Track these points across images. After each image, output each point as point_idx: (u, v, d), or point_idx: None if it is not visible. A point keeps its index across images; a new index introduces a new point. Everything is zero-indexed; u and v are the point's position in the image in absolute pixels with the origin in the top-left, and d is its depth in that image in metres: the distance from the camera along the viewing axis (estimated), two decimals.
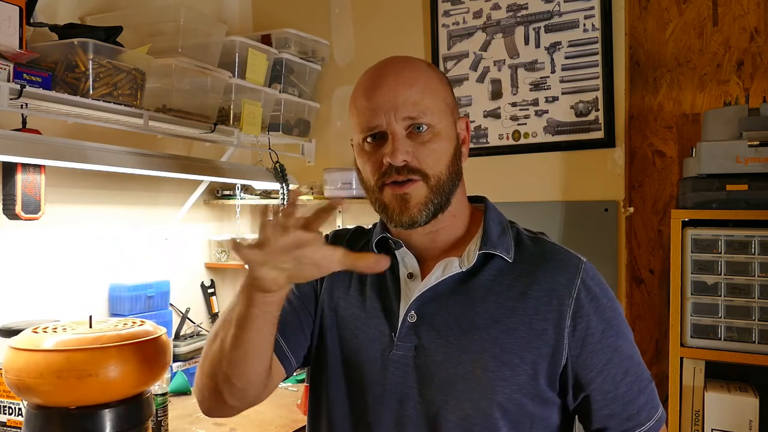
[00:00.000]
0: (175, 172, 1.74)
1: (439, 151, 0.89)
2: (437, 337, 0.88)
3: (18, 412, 1.37)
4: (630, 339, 0.91)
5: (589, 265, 0.91)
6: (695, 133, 1.93)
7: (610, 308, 0.89)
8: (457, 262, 0.90)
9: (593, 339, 0.86)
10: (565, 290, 0.87)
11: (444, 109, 0.91)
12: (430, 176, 0.88)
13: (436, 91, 0.90)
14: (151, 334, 1.19)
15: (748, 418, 1.50)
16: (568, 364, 0.86)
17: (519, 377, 0.85)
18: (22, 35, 1.32)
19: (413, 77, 0.89)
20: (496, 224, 0.94)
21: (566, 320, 0.86)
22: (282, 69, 2.15)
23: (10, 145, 1.33)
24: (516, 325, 0.86)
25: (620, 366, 0.88)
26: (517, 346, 0.85)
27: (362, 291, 0.96)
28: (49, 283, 1.77)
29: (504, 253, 0.90)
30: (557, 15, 1.97)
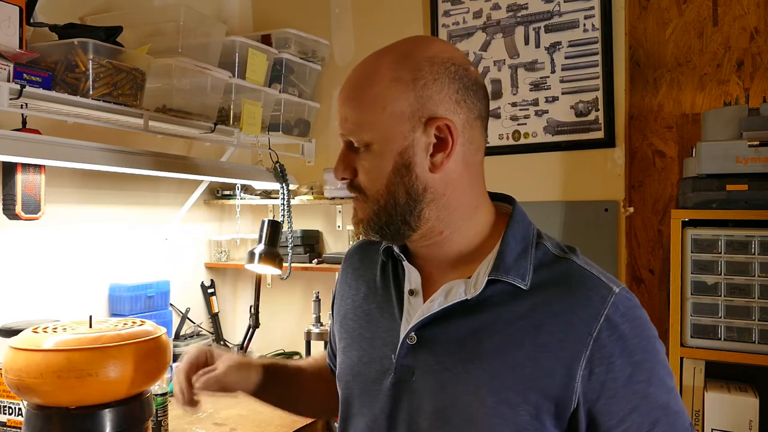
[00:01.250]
0: (175, 172, 1.74)
1: (371, 169, 0.81)
2: (435, 363, 0.81)
3: (18, 412, 1.37)
4: (668, 385, 0.79)
5: (624, 296, 0.78)
6: (695, 133, 1.93)
7: (642, 349, 0.77)
8: (463, 287, 0.82)
9: (616, 384, 0.75)
10: (585, 327, 0.76)
11: (385, 121, 0.79)
12: (368, 195, 0.82)
13: (379, 101, 0.80)
14: (151, 334, 1.19)
15: (748, 418, 1.50)
16: (580, 409, 0.76)
17: (519, 417, 0.76)
18: (22, 35, 1.32)
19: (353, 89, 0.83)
20: (518, 241, 0.84)
21: (581, 361, 0.75)
22: (282, 69, 2.15)
23: (10, 145, 1.33)
24: (522, 360, 0.77)
25: (649, 415, 0.76)
26: (520, 384, 0.76)
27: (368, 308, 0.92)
28: (49, 283, 1.77)
29: (517, 279, 0.80)
30: (557, 15, 1.97)
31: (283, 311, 2.44)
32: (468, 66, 0.82)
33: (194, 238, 2.33)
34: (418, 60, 0.80)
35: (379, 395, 0.85)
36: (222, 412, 1.89)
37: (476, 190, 0.87)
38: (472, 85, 0.82)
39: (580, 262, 0.82)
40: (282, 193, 2.11)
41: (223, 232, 2.45)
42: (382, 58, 0.83)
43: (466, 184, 0.84)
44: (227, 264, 2.38)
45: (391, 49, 0.84)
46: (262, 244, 1.94)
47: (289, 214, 2.10)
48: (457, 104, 0.80)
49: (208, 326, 2.35)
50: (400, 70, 0.80)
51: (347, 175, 0.83)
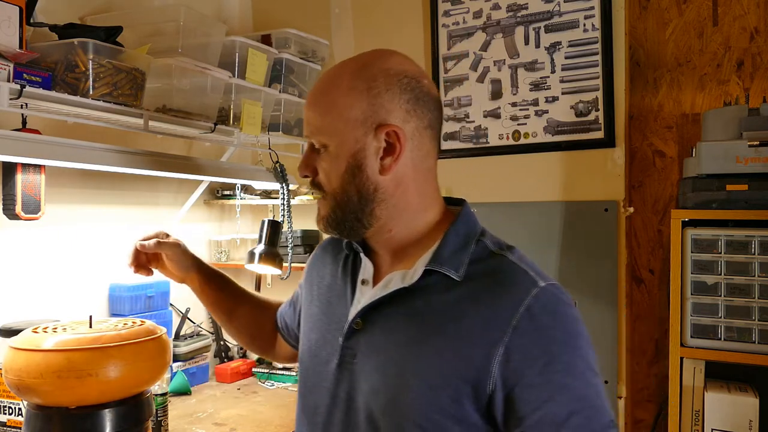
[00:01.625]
0: (175, 172, 1.74)
1: (329, 169, 0.90)
2: (373, 345, 0.89)
3: (18, 412, 1.37)
4: (587, 379, 0.81)
5: (550, 291, 0.83)
6: (695, 133, 1.93)
7: (561, 342, 0.80)
8: (401, 276, 0.89)
9: (531, 372, 0.79)
10: (506, 315, 0.81)
11: (340, 126, 0.88)
12: (327, 193, 0.91)
13: (337, 107, 0.88)
14: (151, 334, 1.19)
15: (748, 418, 1.50)
16: (497, 393, 0.80)
17: (440, 399, 0.81)
18: (22, 35, 1.32)
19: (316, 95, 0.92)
20: (460, 237, 0.90)
21: (499, 348, 0.80)
22: (282, 69, 2.15)
23: (10, 145, 1.33)
24: (444, 346, 0.83)
25: (566, 406, 0.78)
26: (443, 368, 0.82)
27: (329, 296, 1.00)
28: (49, 283, 1.77)
29: (451, 271, 0.86)
30: (557, 15, 1.97)
31: None
32: (421, 79, 0.90)
33: (194, 238, 2.33)
34: (374, 71, 0.88)
35: (327, 375, 0.93)
36: (222, 412, 1.89)
37: (425, 192, 0.93)
38: (423, 96, 0.90)
39: (512, 258, 0.88)
40: (282, 193, 2.11)
41: (223, 232, 2.45)
42: (343, 68, 0.91)
43: (415, 186, 0.91)
44: (227, 264, 2.38)
45: (353, 60, 0.92)
46: (262, 244, 1.94)
47: (289, 214, 2.10)
48: (407, 113, 0.88)
49: (208, 326, 2.35)
50: (356, 79, 0.89)
51: (308, 173, 0.93)
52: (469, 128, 2.11)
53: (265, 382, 2.23)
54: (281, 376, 2.23)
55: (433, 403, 0.82)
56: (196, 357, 2.18)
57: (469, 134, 2.11)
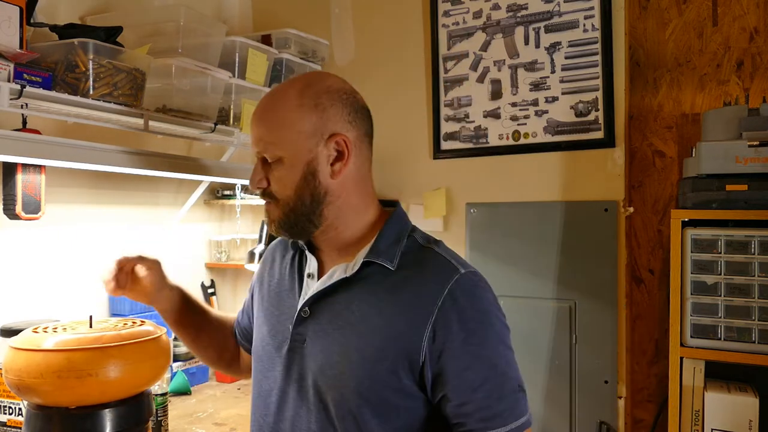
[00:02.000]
0: (175, 172, 1.74)
1: (283, 178, 1.00)
2: (320, 330, 1.00)
3: (18, 412, 1.37)
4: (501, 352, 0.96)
5: (468, 277, 0.97)
6: (695, 133, 1.93)
7: (476, 320, 0.95)
8: (344, 268, 1.01)
9: (453, 345, 0.93)
10: (432, 298, 0.94)
11: (294, 138, 0.99)
12: (279, 200, 1.01)
13: (288, 122, 0.99)
14: (151, 334, 1.19)
15: (748, 418, 1.50)
16: (426, 365, 0.94)
17: (379, 371, 0.94)
18: (22, 35, 1.32)
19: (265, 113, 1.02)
20: (393, 233, 1.02)
21: (428, 325, 0.93)
22: (282, 69, 2.15)
23: (10, 145, 1.33)
24: (382, 325, 0.95)
25: (480, 373, 0.93)
26: (380, 343, 0.94)
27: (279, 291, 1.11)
28: (49, 283, 1.77)
29: (386, 261, 0.99)
30: (557, 15, 1.97)
31: None
32: (355, 94, 1.04)
33: (194, 238, 2.33)
34: (318, 90, 1.01)
35: (279, 359, 1.03)
36: (222, 412, 1.89)
37: (365, 194, 1.05)
38: (360, 109, 1.03)
39: (438, 250, 1.02)
40: None
41: (223, 232, 2.45)
42: (288, 89, 1.02)
43: (357, 189, 1.03)
44: (227, 264, 2.38)
45: (295, 81, 1.03)
46: (262, 244, 1.94)
47: None
48: (349, 123, 1.01)
49: None
50: (303, 98, 1.00)
51: (262, 185, 1.02)
52: (469, 128, 2.11)
53: None
54: None
55: (373, 374, 0.94)
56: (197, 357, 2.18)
57: (469, 134, 2.11)
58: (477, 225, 2.07)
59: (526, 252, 1.95)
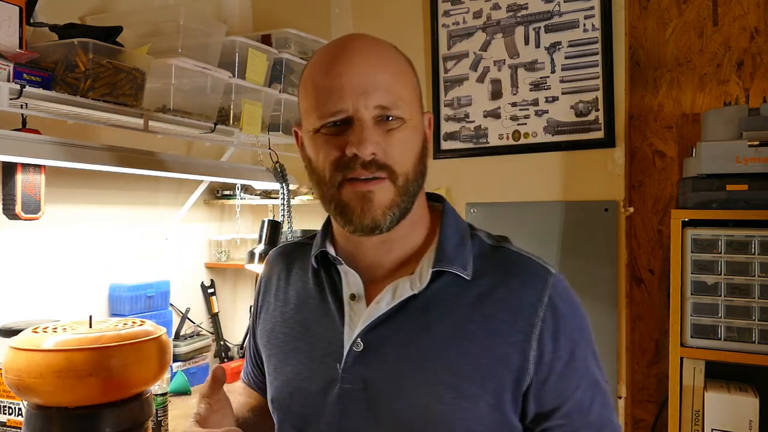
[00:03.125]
0: (175, 172, 1.74)
1: (408, 145, 0.78)
2: (387, 368, 0.77)
3: (18, 412, 1.37)
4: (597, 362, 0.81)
5: (559, 277, 0.81)
6: (695, 133, 1.93)
7: (579, 328, 0.79)
8: (408, 283, 0.79)
9: (560, 363, 0.77)
10: (531, 310, 0.77)
11: (414, 101, 0.80)
12: (398, 174, 0.77)
13: (408, 79, 0.81)
14: (151, 334, 1.19)
15: (748, 418, 1.50)
16: (530, 390, 0.76)
17: (480, 409, 0.75)
18: (22, 35, 1.32)
19: (385, 59, 0.78)
20: (455, 233, 0.83)
21: (532, 343, 0.76)
22: (282, 69, 2.15)
23: (10, 145, 1.33)
24: (477, 352, 0.76)
25: (588, 391, 0.78)
26: (478, 375, 0.75)
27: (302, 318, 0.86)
28: (49, 283, 1.77)
29: (460, 269, 0.79)
30: (557, 15, 1.97)
31: None
32: None
33: (194, 238, 2.33)
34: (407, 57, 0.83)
35: (324, 409, 0.79)
36: None
37: None
38: None
39: (513, 248, 0.84)
40: (282, 193, 2.11)
41: (223, 232, 2.45)
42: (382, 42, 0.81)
43: None
44: (227, 264, 2.38)
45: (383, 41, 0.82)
46: (262, 244, 1.94)
47: (289, 214, 2.10)
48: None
49: (208, 326, 2.35)
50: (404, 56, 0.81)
51: (377, 151, 0.75)
52: (469, 128, 2.11)
53: None
54: None
55: (473, 414, 0.74)
56: (196, 357, 2.18)
57: (469, 134, 2.11)
58: (477, 225, 2.06)
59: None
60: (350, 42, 0.78)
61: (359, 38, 0.79)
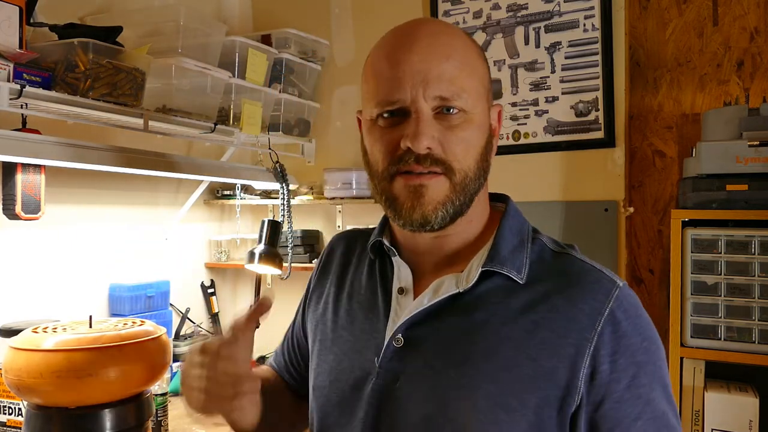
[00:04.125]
0: (175, 172, 1.74)
1: (470, 141, 0.74)
2: (424, 366, 0.73)
3: (18, 412, 1.37)
4: (668, 393, 0.72)
5: (627, 293, 0.72)
6: (695, 133, 1.93)
7: (645, 350, 0.70)
8: (455, 280, 0.75)
9: (620, 386, 0.69)
10: (588, 322, 0.69)
11: (481, 92, 0.75)
12: (456, 171, 0.73)
13: (475, 69, 0.75)
14: (151, 334, 1.19)
15: (748, 418, 1.50)
16: (581, 413, 0.69)
17: (517, 424, 0.68)
18: (22, 35, 1.32)
19: (451, 47, 0.73)
20: (513, 234, 0.78)
21: (585, 359, 0.68)
22: (282, 69, 2.15)
23: (10, 145, 1.33)
24: (520, 360, 0.70)
25: (653, 424, 0.69)
26: (519, 386, 0.69)
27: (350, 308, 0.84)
28: (49, 283, 1.77)
29: (512, 272, 0.74)
30: (557, 15, 1.97)
31: (283, 311, 2.43)
32: None
33: (194, 238, 2.33)
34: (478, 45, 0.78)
35: (360, 403, 0.76)
36: None
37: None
38: None
39: (580, 257, 0.77)
40: (282, 193, 2.11)
41: (223, 232, 2.45)
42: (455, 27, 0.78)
43: None
44: (227, 264, 2.38)
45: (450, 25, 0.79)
46: (262, 244, 1.94)
47: (289, 214, 2.10)
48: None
49: (208, 326, 2.35)
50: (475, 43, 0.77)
51: (433, 145, 0.71)
52: None
53: None
54: None
55: (509, 427, 0.69)
56: None
57: None
58: None
59: None
60: (416, 27, 0.76)
61: (425, 24, 0.76)
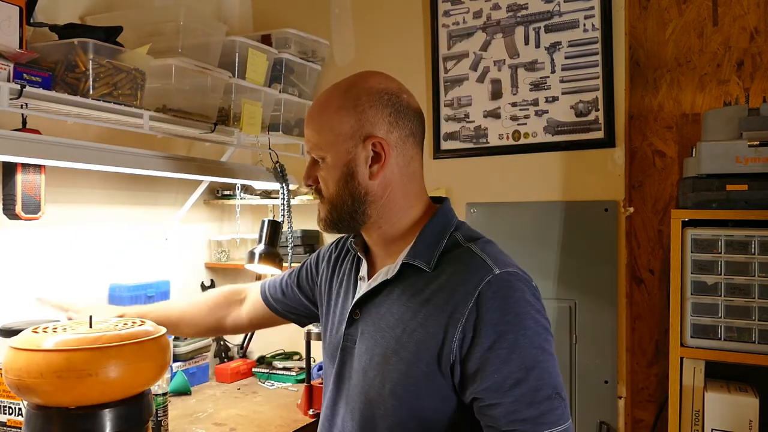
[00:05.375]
0: (175, 172, 1.74)
1: (326, 178, 1.04)
2: (365, 332, 1.05)
3: (18, 412, 1.37)
4: (532, 354, 0.92)
5: (502, 277, 0.95)
6: (695, 133, 1.93)
7: (507, 322, 0.92)
8: (386, 270, 1.05)
9: (482, 348, 0.92)
10: (464, 299, 0.94)
11: (333, 141, 1.02)
12: (326, 197, 1.05)
13: (329, 125, 1.03)
14: (151, 334, 1.18)
15: (748, 418, 1.50)
16: (456, 366, 0.94)
17: (413, 372, 0.96)
18: (22, 35, 1.32)
19: (313, 115, 1.05)
20: (434, 232, 1.04)
21: (457, 326, 0.94)
22: (282, 69, 2.15)
23: (10, 145, 1.33)
24: (415, 327, 0.98)
25: (510, 377, 0.91)
26: (413, 345, 0.97)
27: (338, 290, 1.17)
28: (49, 283, 1.77)
29: (423, 263, 1.00)
30: (557, 15, 1.97)
31: None
32: (401, 94, 1.04)
33: (194, 238, 2.33)
34: (359, 91, 1.03)
35: (335, 359, 1.10)
36: (222, 412, 1.89)
37: (409, 193, 1.06)
38: (403, 109, 1.03)
39: (475, 249, 1.00)
40: (282, 193, 2.11)
41: (223, 232, 2.45)
42: (333, 91, 1.05)
43: (401, 188, 1.05)
44: (227, 264, 2.38)
45: (342, 83, 1.06)
46: (262, 244, 1.94)
47: (289, 214, 2.10)
48: (390, 125, 1.02)
49: None
50: (344, 99, 1.03)
51: (311, 183, 1.07)
52: (469, 128, 2.11)
53: (265, 382, 2.23)
54: (281, 376, 2.23)
55: (410, 375, 0.97)
56: (196, 357, 2.18)
57: (469, 134, 2.11)
58: (477, 225, 2.04)
59: (526, 252, 1.95)
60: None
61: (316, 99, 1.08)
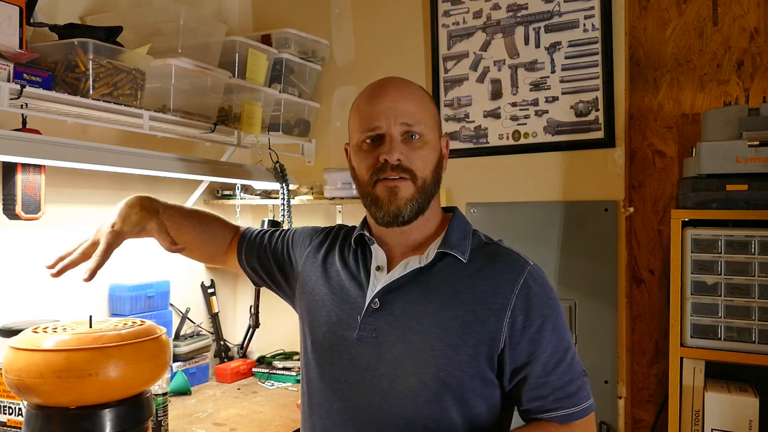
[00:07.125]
0: (175, 172, 1.74)
1: (427, 157, 1.06)
2: (394, 321, 1.04)
3: (18, 412, 1.37)
4: (567, 337, 1.03)
5: (536, 268, 1.05)
6: (695, 133, 1.93)
7: (549, 306, 1.02)
8: (418, 259, 1.07)
9: (530, 330, 0.99)
10: (509, 287, 1.01)
11: (433, 124, 1.08)
12: (418, 177, 1.05)
13: (429, 108, 1.09)
14: (151, 334, 1.19)
15: (748, 418, 1.50)
16: (506, 349, 1.00)
17: (460, 357, 0.99)
18: (22, 35, 1.32)
19: (411, 92, 1.08)
20: (459, 230, 1.10)
21: (507, 312, 1.00)
22: (282, 69, 2.16)
23: (10, 145, 1.33)
24: (461, 313, 1.01)
25: (554, 356, 1.00)
26: (461, 330, 1.00)
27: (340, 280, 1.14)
28: (49, 283, 1.77)
29: (459, 253, 1.06)
30: (557, 15, 1.97)
31: (283, 311, 2.43)
32: None
33: None
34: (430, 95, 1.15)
35: (346, 348, 1.07)
36: (222, 412, 1.89)
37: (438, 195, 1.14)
38: None
39: (504, 245, 1.11)
40: (282, 193, 2.11)
41: None
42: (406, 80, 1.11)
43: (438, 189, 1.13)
44: None
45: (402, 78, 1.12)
46: None
47: (289, 214, 2.10)
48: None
49: (208, 326, 2.35)
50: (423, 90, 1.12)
51: (402, 158, 1.04)
52: (469, 128, 2.11)
53: (265, 382, 2.23)
54: (281, 376, 2.23)
55: (454, 359, 0.99)
56: (196, 357, 2.18)
57: (469, 134, 2.11)
58: (477, 225, 2.04)
59: (526, 252, 1.94)
60: (388, 80, 1.11)
61: (394, 78, 1.11)
